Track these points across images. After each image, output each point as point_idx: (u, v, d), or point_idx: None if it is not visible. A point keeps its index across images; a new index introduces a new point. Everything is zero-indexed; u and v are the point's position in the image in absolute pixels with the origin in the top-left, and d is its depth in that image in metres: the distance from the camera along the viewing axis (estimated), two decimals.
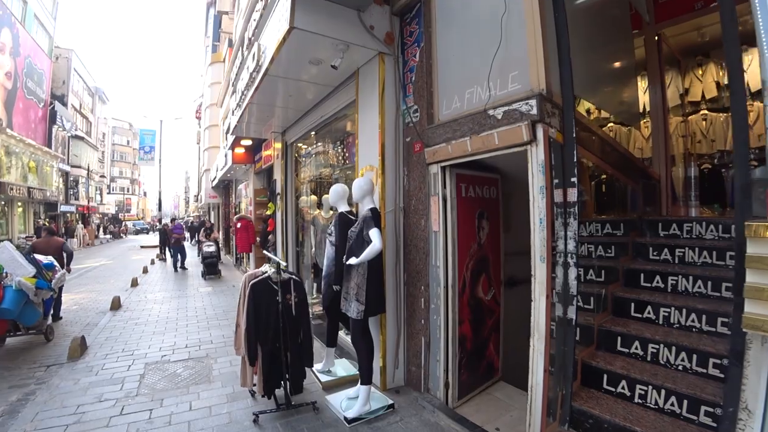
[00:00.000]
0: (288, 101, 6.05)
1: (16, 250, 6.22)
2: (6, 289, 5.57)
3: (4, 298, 5.50)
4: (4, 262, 5.86)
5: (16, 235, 24.85)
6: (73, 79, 34.73)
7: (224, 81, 18.24)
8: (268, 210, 8.91)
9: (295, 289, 3.75)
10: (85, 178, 37.95)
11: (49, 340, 6.47)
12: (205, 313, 7.83)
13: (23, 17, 25.83)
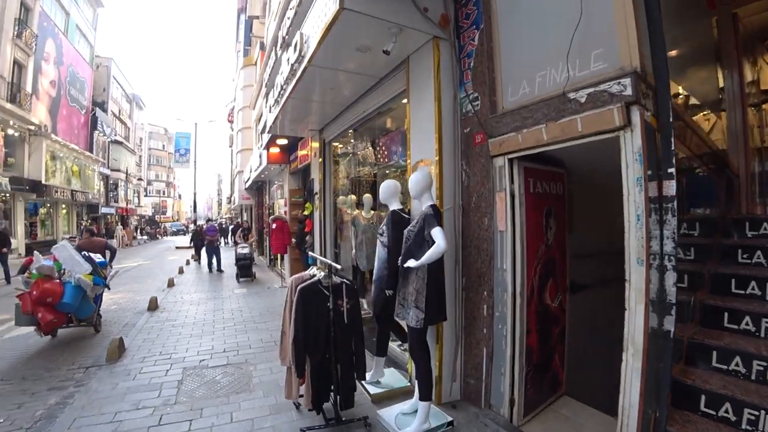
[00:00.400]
0: (328, 96, 5.65)
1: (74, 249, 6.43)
2: (66, 285, 5.79)
3: (65, 293, 5.72)
4: (63, 260, 6.05)
5: (61, 235, 25.38)
6: (112, 86, 35.49)
7: (257, 83, 18.13)
8: (306, 210, 8.57)
9: (347, 294, 3.33)
10: (124, 181, 38.75)
11: (97, 331, 6.77)
12: (241, 316, 7.52)
13: (66, 28, 26.43)
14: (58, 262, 6.04)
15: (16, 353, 5.87)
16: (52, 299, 5.62)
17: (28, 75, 21.08)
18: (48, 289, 5.62)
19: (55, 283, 5.74)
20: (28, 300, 5.62)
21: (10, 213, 20.27)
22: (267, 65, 13.68)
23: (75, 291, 5.85)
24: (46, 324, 5.69)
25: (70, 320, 6.19)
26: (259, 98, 17.46)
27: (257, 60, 20.53)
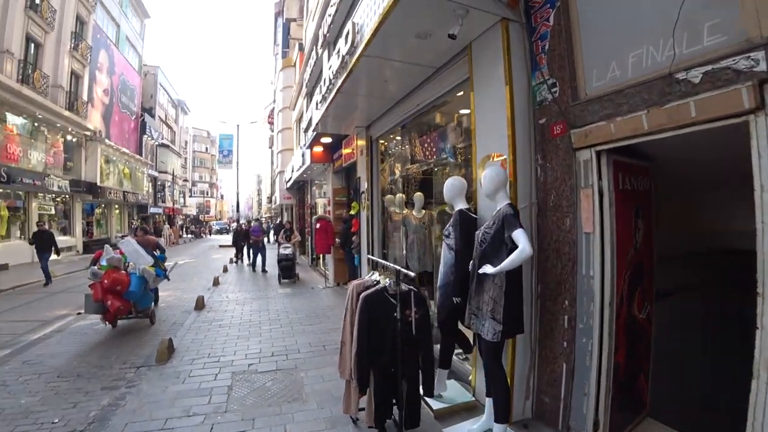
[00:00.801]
0: (379, 89, 5.30)
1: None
2: (131, 276, 6.30)
3: (131, 283, 6.22)
4: (128, 253, 6.63)
5: (114, 233, 26.26)
6: (159, 93, 36.54)
7: (296, 84, 18.05)
8: (352, 209, 8.26)
9: (416, 303, 2.95)
10: (171, 182, 39.87)
11: (152, 323, 7.09)
12: (287, 317, 7.28)
13: (117, 39, 27.31)
14: (124, 255, 6.58)
15: (73, 348, 5.88)
16: (120, 288, 6.12)
17: (84, 84, 21.86)
18: (117, 278, 6.12)
19: (122, 274, 6.25)
20: (99, 288, 6.06)
21: (69, 213, 21.07)
22: (307, 65, 13.52)
23: (139, 281, 6.36)
24: (115, 310, 6.13)
25: (129, 311, 6.56)
26: (299, 98, 17.38)
27: (296, 61, 20.50)
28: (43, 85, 17.48)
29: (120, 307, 6.16)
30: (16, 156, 16.50)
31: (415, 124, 6.24)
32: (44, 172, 18.15)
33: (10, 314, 8.18)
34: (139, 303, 6.62)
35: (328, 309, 7.90)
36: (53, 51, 18.70)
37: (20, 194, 17.15)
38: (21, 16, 16.28)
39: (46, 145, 18.96)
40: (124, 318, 6.75)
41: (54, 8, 18.38)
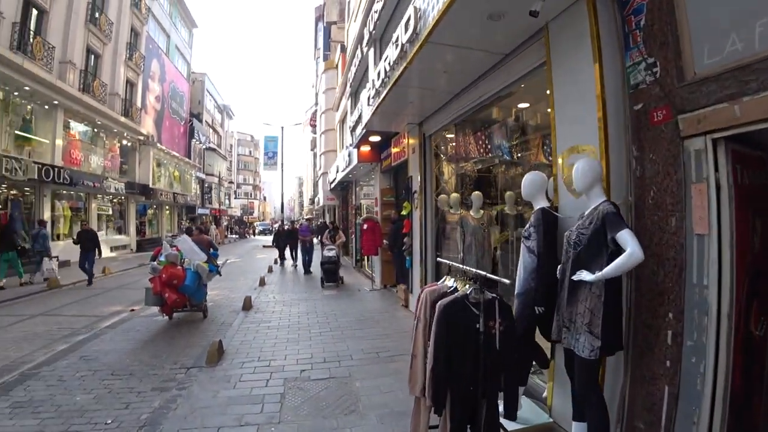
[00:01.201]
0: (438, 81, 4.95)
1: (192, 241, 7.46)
2: (187, 271, 6.67)
3: (187, 278, 6.58)
4: (184, 250, 7.00)
5: (164, 233, 27.14)
6: (206, 98, 37.65)
7: (339, 85, 17.97)
8: (404, 210, 7.93)
9: (501, 313, 2.57)
10: (217, 184, 41.00)
11: (205, 317, 7.45)
12: (336, 321, 7.02)
13: (167, 49, 28.27)
14: (181, 252, 6.94)
15: (126, 345, 5.89)
16: (176, 282, 6.49)
17: (137, 92, 22.71)
18: (174, 273, 6.50)
19: (178, 269, 6.61)
20: (158, 282, 6.46)
21: (124, 214, 21.92)
22: (351, 64, 13.35)
23: (194, 276, 6.74)
24: (171, 303, 6.51)
25: (184, 304, 6.93)
26: (342, 99, 17.27)
27: (338, 63, 20.48)
28: (101, 93, 18.23)
29: (176, 299, 6.54)
30: (78, 160, 17.29)
31: (471, 119, 5.87)
32: (103, 174, 18.94)
33: (69, 308, 8.41)
34: (193, 297, 6.95)
35: (377, 313, 7.61)
36: (110, 61, 19.50)
37: (81, 195, 17.94)
38: (82, 29, 17.03)
39: (104, 150, 19.81)
40: (179, 310, 7.13)
41: (111, 21, 19.16)
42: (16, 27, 13.35)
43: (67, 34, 15.96)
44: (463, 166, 6.50)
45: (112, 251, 19.58)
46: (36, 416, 3.69)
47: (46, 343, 5.94)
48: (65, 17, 15.87)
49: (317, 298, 9.15)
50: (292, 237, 15.41)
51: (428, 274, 6.91)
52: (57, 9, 15.41)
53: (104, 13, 18.67)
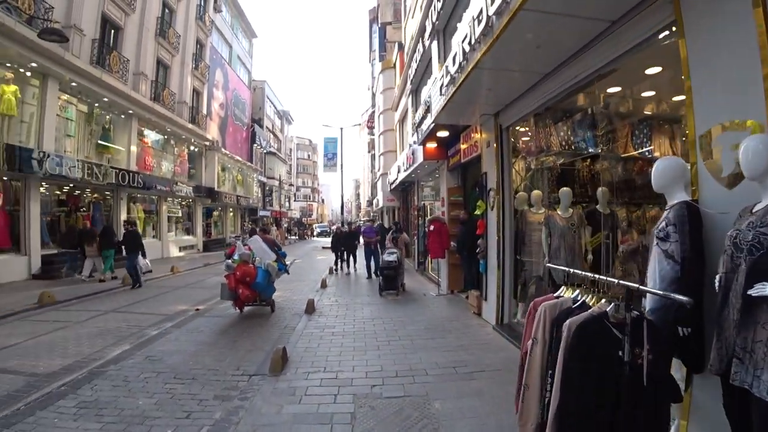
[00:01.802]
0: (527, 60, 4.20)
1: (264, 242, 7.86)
2: (258, 269, 7.03)
3: (258, 275, 6.95)
4: (255, 250, 7.41)
5: (228, 234, 28.03)
6: (266, 105, 38.66)
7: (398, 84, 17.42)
8: (477, 209, 7.17)
9: (649, 338, 1.83)
10: (278, 187, 42.03)
11: (273, 311, 7.74)
12: (404, 328, 6.40)
13: (229, 59, 29.19)
14: (252, 251, 7.33)
15: (190, 347, 5.67)
16: (249, 279, 6.89)
17: (203, 100, 23.53)
18: (247, 270, 6.91)
19: (250, 267, 7.00)
20: (233, 279, 6.90)
21: (192, 216, 22.76)
22: (412, 60, 12.74)
23: (264, 274, 7.09)
24: (244, 298, 6.99)
25: (255, 299, 7.34)
26: (401, 98, 16.72)
27: (395, 63, 20.00)
28: (170, 101, 18.95)
29: (248, 295, 6.98)
30: (150, 165, 18.09)
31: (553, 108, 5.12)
32: (172, 179, 19.72)
33: (138, 306, 8.48)
34: (263, 293, 7.29)
35: (447, 320, 6.90)
36: (178, 71, 20.28)
37: (153, 198, 18.76)
38: (153, 42, 17.79)
39: (174, 156, 20.66)
40: (249, 305, 7.52)
41: (178, 33, 19.90)
42: (95, 43, 14.06)
43: (140, 47, 16.71)
44: (543, 161, 5.71)
45: (181, 251, 20.46)
46: (99, 419, 3.49)
47: (116, 340, 5.92)
48: (137, 32, 16.62)
49: (381, 302, 8.57)
50: (351, 240, 13.94)
51: (506, 280, 6.15)
52: (130, 25, 16.17)
53: (172, 26, 19.43)
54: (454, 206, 9.37)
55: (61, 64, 12.10)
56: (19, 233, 11.63)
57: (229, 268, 7.04)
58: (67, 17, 12.75)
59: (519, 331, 5.63)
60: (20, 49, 10.82)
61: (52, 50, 11.46)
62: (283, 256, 8.24)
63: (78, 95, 13.92)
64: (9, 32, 10.23)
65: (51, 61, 11.75)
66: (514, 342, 5.31)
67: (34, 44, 10.89)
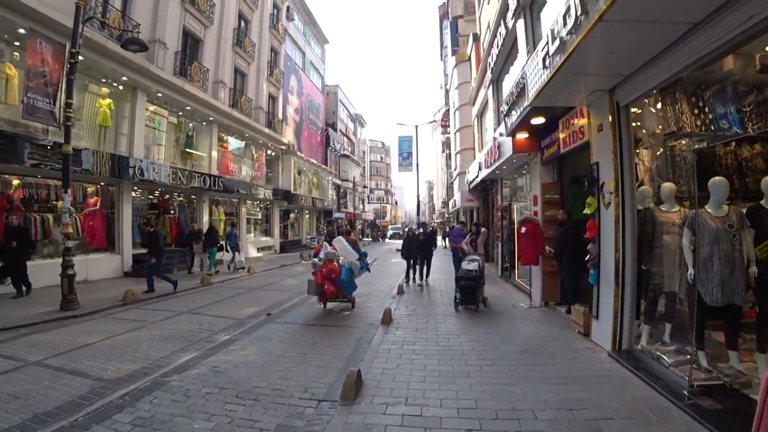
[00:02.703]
0: (664, 9, 3.04)
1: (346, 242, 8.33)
2: (342, 267, 7.54)
3: (341, 273, 7.46)
4: (339, 250, 7.91)
5: (304, 235, 28.45)
6: (339, 109, 38.99)
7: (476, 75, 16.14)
8: (587, 208, 5.81)
9: None
10: (352, 189, 42.30)
11: (353, 307, 8.04)
12: (496, 349, 5.32)
13: (303, 65, 29.66)
14: (337, 251, 7.86)
15: (257, 358, 5.15)
16: (334, 275, 7.41)
17: (279, 105, 23.97)
18: (332, 268, 7.45)
19: (335, 265, 7.51)
20: (319, 275, 7.41)
21: (269, 217, 23.27)
22: (492, 45, 11.51)
23: (347, 272, 7.59)
24: (329, 293, 7.48)
25: (338, 295, 7.77)
26: (480, 90, 15.48)
27: (470, 55, 18.81)
28: (248, 107, 19.39)
29: (333, 290, 7.46)
30: (230, 170, 18.61)
31: (686, 80, 3.86)
32: (251, 182, 20.18)
33: (212, 308, 8.28)
34: (345, 289, 7.70)
35: (546, 341, 5.67)
36: (254, 78, 20.76)
37: (233, 201, 19.32)
38: (230, 52, 18.31)
39: (252, 160, 21.19)
40: (333, 300, 7.95)
41: (254, 42, 20.37)
42: (177, 55, 14.61)
43: (218, 57, 17.25)
44: (675, 145, 4.38)
45: (258, 252, 20.99)
46: None
47: (185, 345, 5.66)
48: (216, 43, 17.19)
49: (467, 315, 7.45)
50: (426, 246, 11.42)
51: (626, 295, 4.82)
52: (209, 37, 16.73)
53: (248, 36, 19.92)
54: (549, 205, 7.98)
55: (148, 76, 12.63)
56: (114, 234, 12.38)
57: (315, 266, 7.63)
58: (152, 32, 13.37)
59: (644, 361, 4.36)
60: (112, 65, 11.48)
61: (139, 64, 12.05)
62: (364, 255, 8.61)
63: (164, 105, 14.58)
64: (101, 49, 10.83)
65: (139, 74, 12.32)
66: (641, 376, 4.09)
67: (123, 59, 11.56)
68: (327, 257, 7.61)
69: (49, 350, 5.31)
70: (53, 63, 8.26)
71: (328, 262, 7.50)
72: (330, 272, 7.35)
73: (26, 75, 7.91)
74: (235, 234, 15.01)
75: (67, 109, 7.75)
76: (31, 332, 6.24)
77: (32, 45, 7.97)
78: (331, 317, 7.46)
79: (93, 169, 10.92)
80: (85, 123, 11.73)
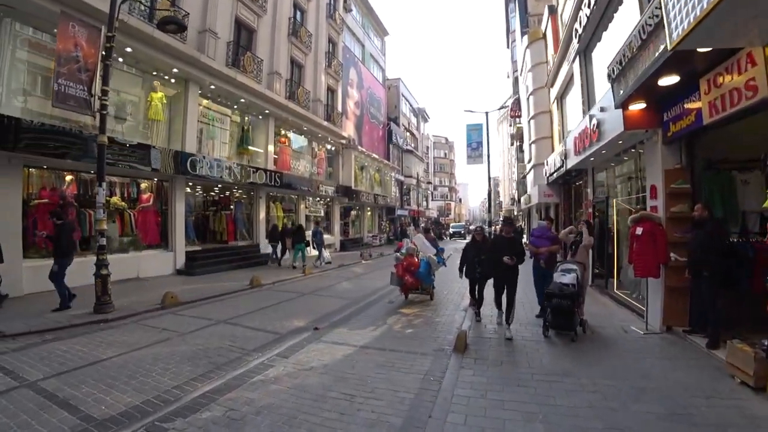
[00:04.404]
0: None
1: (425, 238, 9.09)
2: (421, 261, 7.99)
3: (420, 266, 7.90)
4: (418, 245, 8.48)
5: (366, 233, 27.35)
6: (401, 102, 37.53)
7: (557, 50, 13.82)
8: None
9: None
10: (415, 186, 40.69)
11: (432, 299, 8.46)
12: (626, 410, 3.40)
13: (362, 58, 28.59)
14: (416, 247, 8.42)
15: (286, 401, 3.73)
16: (413, 268, 7.83)
17: (338, 98, 22.99)
18: (412, 261, 7.93)
19: (414, 259, 7.99)
20: (401, 268, 7.94)
21: (330, 215, 22.35)
22: (582, 5, 9.41)
23: (426, 266, 7.97)
24: (409, 284, 7.93)
25: (417, 287, 8.22)
26: (563, 66, 13.19)
27: (545, 31, 16.45)
28: (305, 99, 18.51)
29: (412, 282, 7.91)
30: (289, 165, 17.88)
31: None
32: (310, 178, 19.35)
33: (253, 318, 7.11)
34: (424, 281, 8.10)
35: (700, 397, 3.66)
36: (312, 69, 19.87)
37: (292, 198, 18.57)
38: (285, 42, 17.50)
39: (311, 155, 20.39)
40: (414, 292, 8.43)
41: (310, 32, 19.46)
42: (229, 46, 13.94)
43: (273, 48, 16.45)
44: None
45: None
46: None
47: (206, 370, 4.55)
48: (270, 33, 16.41)
49: (561, 341, 5.54)
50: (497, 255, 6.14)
51: None
52: (263, 27, 15.97)
53: (304, 26, 19.02)
54: (674, 198, 5.76)
55: (199, 67, 12.04)
56: (167, 230, 11.95)
57: (397, 260, 8.22)
58: (202, 22, 12.79)
59: None
60: (162, 56, 10.96)
61: (189, 54, 11.50)
62: (441, 251, 9.07)
63: (218, 98, 14.00)
64: (148, 39, 10.30)
65: (189, 65, 11.75)
66: None
67: (173, 50, 11.10)
68: (408, 252, 8.24)
69: (55, 366, 4.62)
70: (88, 48, 7.54)
71: (408, 256, 8.09)
72: (410, 265, 7.89)
73: (57, 60, 7.22)
74: (320, 232, 15.38)
75: (103, 97, 7.03)
76: (54, 338, 5.69)
77: (63, 28, 7.29)
78: (391, 336, 5.94)
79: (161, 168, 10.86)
80: (142, 118, 11.43)
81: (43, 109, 8.78)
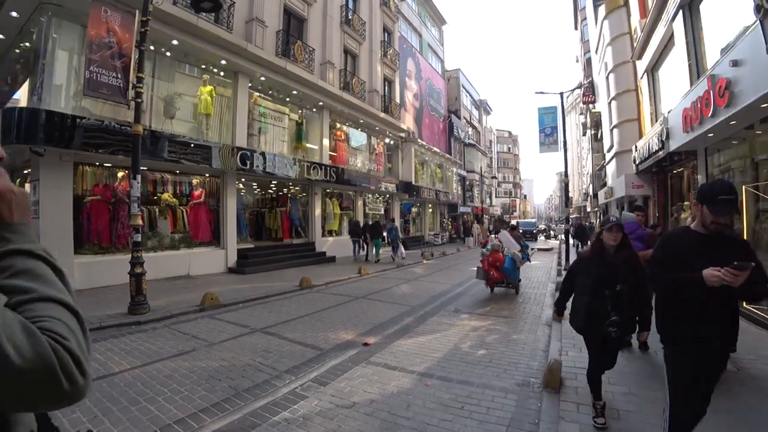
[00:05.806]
0: None
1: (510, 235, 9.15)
2: (506, 257, 8.25)
3: (505, 261, 8.17)
4: (503, 242, 8.73)
5: (426, 231, 25.96)
6: (462, 94, 35.66)
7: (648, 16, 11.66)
8: None
9: None
10: (478, 181, 38.56)
11: (517, 293, 8.76)
12: None
13: (420, 48, 27.30)
14: (502, 243, 8.65)
15: None
16: (498, 264, 8.18)
17: (395, 89, 21.87)
18: (497, 257, 8.24)
19: (500, 255, 8.28)
20: (486, 263, 8.34)
21: (389, 211, 21.30)
22: None
23: (510, 261, 8.27)
24: (494, 278, 8.36)
25: (502, 281, 8.62)
26: (656, 29, 11.05)
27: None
28: (360, 90, 17.60)
29: (497, 276, 8.27)
30: (346, 160, 17.11)
31: None
32: (368, 173, 18.45)
33: (295, 326, 6.14)
34: (509, 276, 8.35)
35: None
36: (367, 59, 18.91)
37: (350, 194, 17.75)
38: (338, 30, 16.67)
39: (368, 149, 19.48)
40: (499, 285, 8.70)
41: (363, 20, 18.53)
42: (279, 35, 13.33)
43: (325, 36, 15.69)
44: None
45: None
46: None
47: (222, 398, 3.65)
48: (321, 22, 15.67)
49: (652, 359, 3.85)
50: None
51: None
52: (313, 15, 15.26)
53: (356, 14, 18.13)
54: None
55: (246, 57, 11.49)
56: (218, 227, 11.56)
57: (483, 255, 8.43)
58: (249, 11, 12.27)
59: None
60: (208, 47, 10.56)
61: (235, 42, 10.98)
62: (525, 247, 9.19)
63: (269, 91, 13.46)
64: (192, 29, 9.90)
65: (237, 55, 11.25)
66: None
67: (220, 40, 10.65)
68: (493, 248, 8.36)
69: None
70: (122, 33, 7.07)
71: (493, 252, 8.25)
72: (495, 260, 8.14)
73: (89, 47, 6.79)
74: (396, 228, 15.79)
75: (138, 84, 6.51)
76: None
77: (95, 14, 6.85)
78: (458, 359, 4.64)
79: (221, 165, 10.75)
80: (192, 113, 11.12)
81: (93, 108, 8.62)
